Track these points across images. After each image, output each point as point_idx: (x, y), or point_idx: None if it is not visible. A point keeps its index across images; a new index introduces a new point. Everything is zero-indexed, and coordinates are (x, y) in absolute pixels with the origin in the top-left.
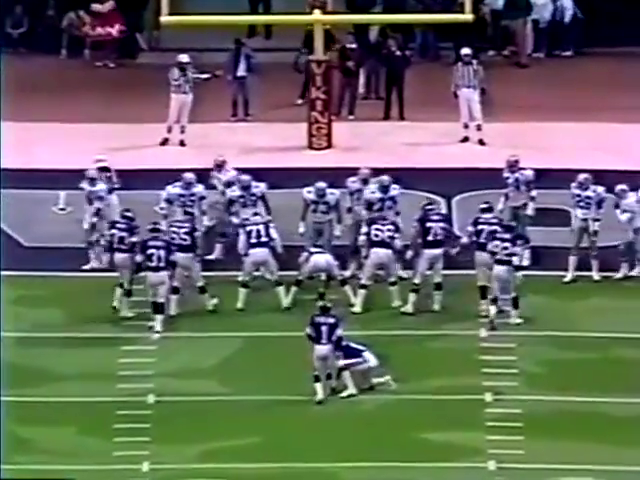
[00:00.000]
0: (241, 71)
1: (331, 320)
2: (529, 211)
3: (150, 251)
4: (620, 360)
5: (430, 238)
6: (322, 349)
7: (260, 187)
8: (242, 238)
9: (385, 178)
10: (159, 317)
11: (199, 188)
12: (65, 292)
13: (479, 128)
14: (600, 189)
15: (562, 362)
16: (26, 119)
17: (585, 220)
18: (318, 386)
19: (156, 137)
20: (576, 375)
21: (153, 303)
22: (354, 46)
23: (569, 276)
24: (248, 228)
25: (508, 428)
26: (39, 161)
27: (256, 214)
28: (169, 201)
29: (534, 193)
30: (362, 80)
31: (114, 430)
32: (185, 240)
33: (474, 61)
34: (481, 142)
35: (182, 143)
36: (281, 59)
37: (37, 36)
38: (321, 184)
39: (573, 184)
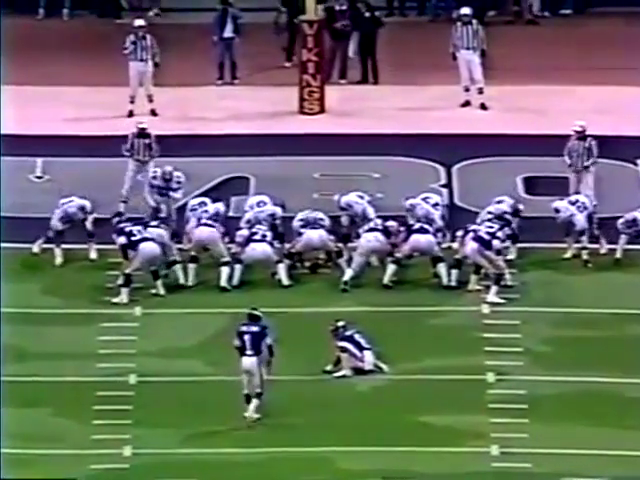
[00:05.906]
0: (228, 32)
1: (255, 328)
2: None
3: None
4: (632, 338)
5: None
6: (245, 361)
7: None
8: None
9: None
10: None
11: None
12: (41, 266)
13: (481, 91)
14: None
15: (569, 340)
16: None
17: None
18: (251, 407)
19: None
20: (584, 354)
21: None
22: (345, 7)
23: (569, 252)
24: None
25: (512, 410)
26: (15, 126)
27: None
28: None
29: (514, 224)
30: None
31: (94, 412)
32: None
33: (474, 21)
34: (483, 106)
35: (153, 112)
36: (270, 19)
37: None
38: None
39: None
